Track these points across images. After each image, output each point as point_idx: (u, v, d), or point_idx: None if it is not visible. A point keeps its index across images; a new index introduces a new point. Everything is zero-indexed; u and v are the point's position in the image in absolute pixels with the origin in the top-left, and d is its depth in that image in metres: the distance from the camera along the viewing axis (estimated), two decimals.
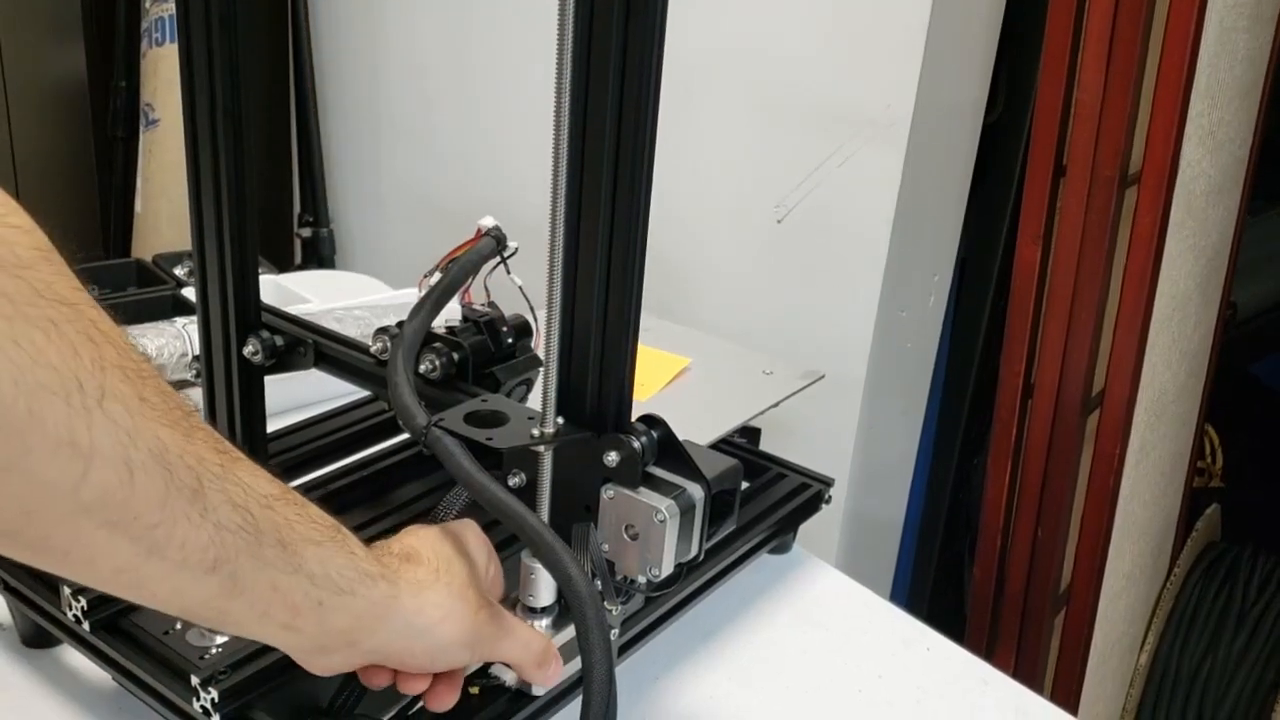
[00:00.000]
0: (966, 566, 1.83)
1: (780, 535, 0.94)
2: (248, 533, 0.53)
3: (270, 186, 2.27)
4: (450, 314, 0.79)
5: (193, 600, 0.53)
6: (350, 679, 0.66)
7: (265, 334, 0.82)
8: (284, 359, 0.84)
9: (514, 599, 0.67)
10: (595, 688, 0.58)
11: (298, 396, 1.11)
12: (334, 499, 0.84)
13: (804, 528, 0.96)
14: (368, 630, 0.58)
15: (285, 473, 0.88)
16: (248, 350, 0.82)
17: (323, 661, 0.60)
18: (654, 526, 0.62)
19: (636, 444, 0.62)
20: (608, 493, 0.63)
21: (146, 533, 0.49)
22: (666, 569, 0.63)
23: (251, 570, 0.53)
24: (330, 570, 0.56)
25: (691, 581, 0.82)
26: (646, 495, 0.62)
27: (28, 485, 0.44)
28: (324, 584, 0.56)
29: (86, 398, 0.45)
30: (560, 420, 0.63)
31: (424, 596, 0.60)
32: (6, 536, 0.47)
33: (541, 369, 0.64)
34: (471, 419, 0.65)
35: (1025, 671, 1.54)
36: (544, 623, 0.66)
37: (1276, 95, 1.72)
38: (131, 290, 1.35)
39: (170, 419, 0.49)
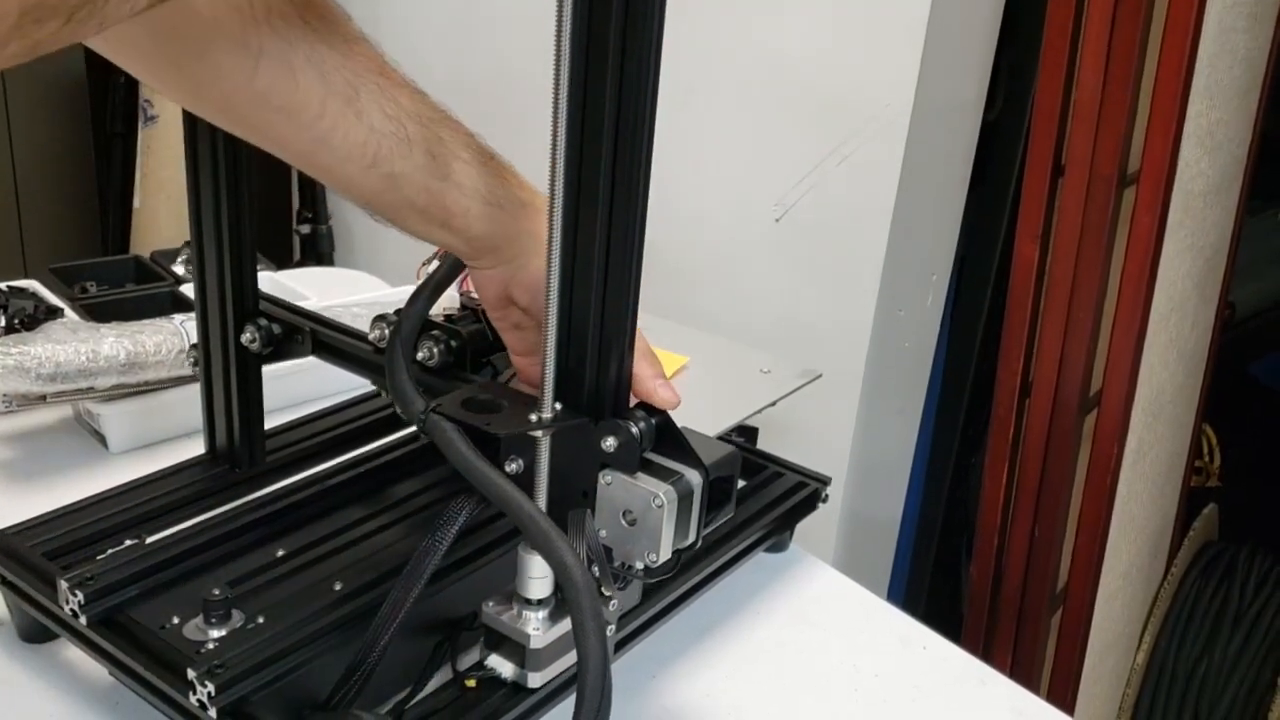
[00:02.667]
0: (963, 565, 1.83)
1: (777, 534, 0.94)
2: (399, 140, 0.65)
3: (269, 183, 2.27)
4: (449, 302, 0.79)
5: (367, 190, 0.67)
6: (349, 675, 0.66)
7: (263, 322, 0.82)
8: (282, 347, 0.84)
9: (510, 593, 0.67)
10: (590, 677, 0.58)
11: (296, 394, 1.11)
12: (331, 495, 0.84)
13: (801, 526, 0.96)
14: (510, 241, 0.70)
15: (283, 469, 0.89)
16: (245, 338, 0.82)
17: (476, 270, 0.73)
18: (652, 512, 0.62)
19: (635, 429, 0.62)
20: (605, 479, 0.63)
21: (313, 123, 0.63)
22: (664, 555, 0.63)
23: (405, 171, 0.66)
24: (479, 185, 0.69)
25: (688, 579, 0.82)
26: (644, 481, 0.62)
27: (216, 72, 0.60)
28: (472, 195, 0.68)
29: (256, 12, 0.60)
30: (558, 406, 0.63)
31: None
32: (223, 114, 0.66)
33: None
34: (469, 405, 0.65)
35: (1022, 670, 1.54)
36: (540, 614, 0.66)
37: (1275, 95, 1.72)
38: (130, 286, 1.35)
39: (330, 41, 0.63)
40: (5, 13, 0.38)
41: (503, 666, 0.68)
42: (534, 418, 0.62)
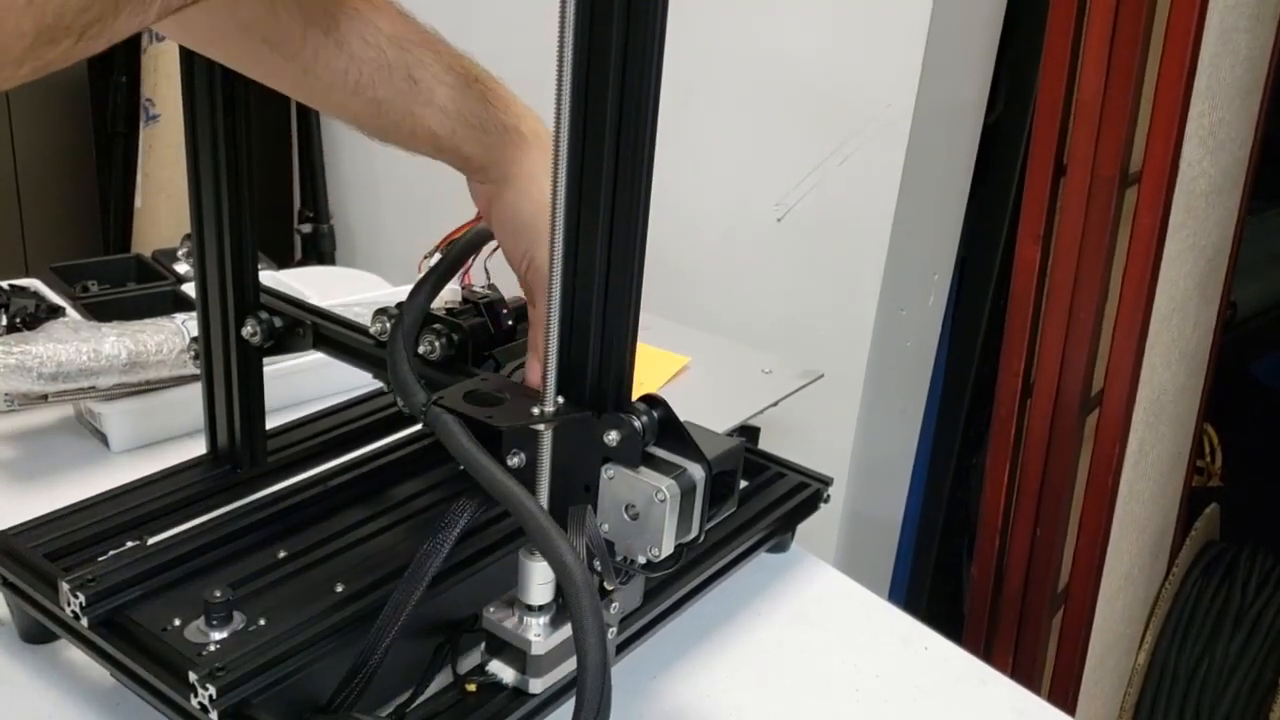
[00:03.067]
0: (965, 566, 1.83)
1: (778, 534, 0.94)
2: (379, 65, 0.67)
3: (270, 182, 2.27)
4: (450, 295, 0.79)
5: (356, 115, 0.69)
6: (350, 678, 0.66)
7: (264, 315, 0.82)
8: (282, 340, 0.84)
9: (511, 598, 0.67)
10: (589, 678, 0.58)
11: (297, 393, 1.11)
12: (333, 496, 0.84)
13: (802, 527, 0.96)
14: (493, 163, 0.71)
15: (285, 469, 0.89)
16: (246, 331, 0.82)
17: (471, 184, 0.74)
18: (654, 506, 0.62)
19: (637, 423, 0.62)
20: (608, 472, 0.63)
21: (297, 53, 0.65)
22: (666, 549, 0.63)
23: (388, 96, 0.67)
24: (462, 108, 0.70)
25: (689, 580, 0.82)
26: (647, 475, 0.62)
27: (200, 7, 0.57)
28: (456, 118, 0.69)
29: None
30: (560, 399, 0.63)
31: (535, 166, 0.71)
32: (212, 46, 0.68)
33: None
34: (471, 397, 0.65)
35: (1023, 670, 1.54)
36: (542, 621, 0.66)
37: (1277, 95, 1.72)
38: (131, 286, 1.35)
39: None
40: (21, 34, 0.39)
41: (504, 672, 0.68)
42: (536, 411, 0.62)
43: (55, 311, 1.16)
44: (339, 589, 0.72)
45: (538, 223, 0.69)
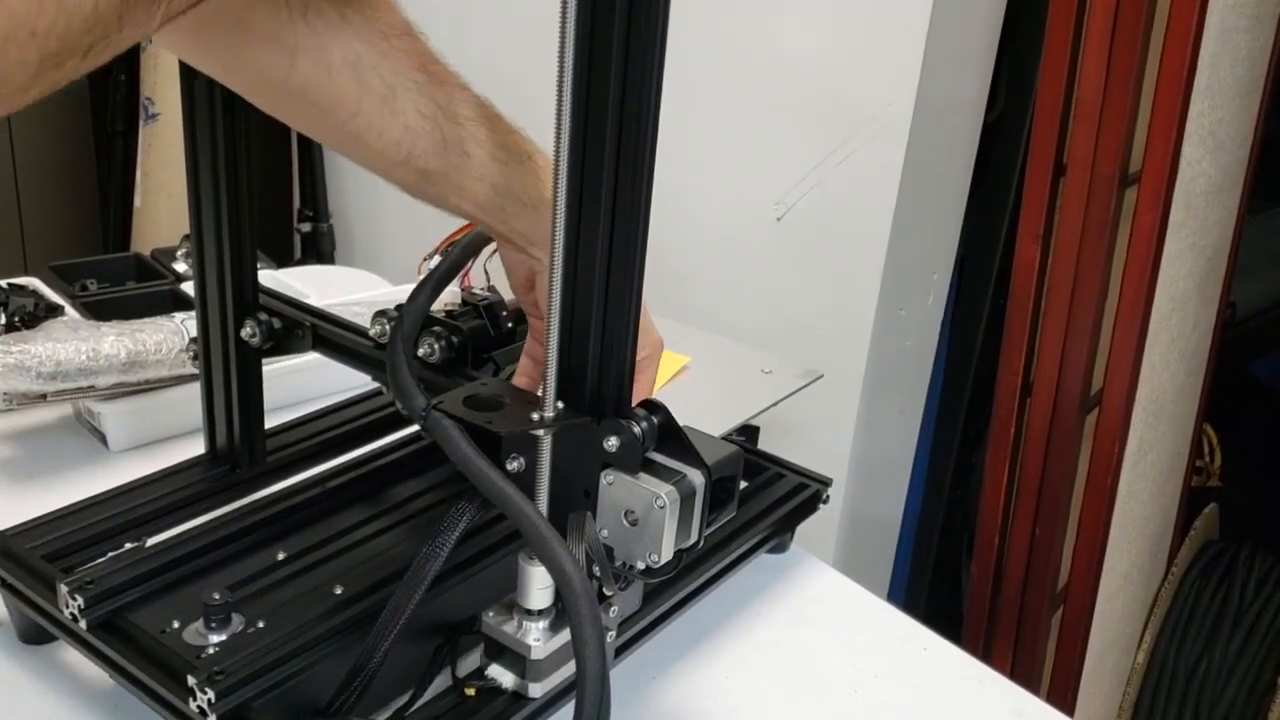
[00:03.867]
0: (964, 566, 1.83)
1: (778, 535, 0.94)
2: (434, 140, 0.66)
3: (270, 182, 2.27)
4: (450, 298, 0.79)
5: (400, 181, 0.70)
6: (349, 681, 0.66)
7: (263, 316, 0.82)
8: (282, 342, 0.83)
9: (511, 603, 0.67)
10: (589, 684, 0.58)
11: (296, 393, 1.11)
12: (332, 497, 0.84)
13: (802, 527, 0.96)
14: (542, 238, 0.69)
15: (284, 468, 0.89)
16: (245, 332, 0.82)
17: (505, 254, 0.75)
18: (654, 512, 0.61)
19: (637, 429, 0.62)
20: (607, 478, 0.63)
21: (348, 120, 0.65)
22: (666, 555, 0.63)
23: (438, 169, 0.68)
24: (512, 184, 0.70)
25: (689, 581, 0.82)
26: (646, 481, 0.62)
27: (250, 64, 0.62)
28: (506, 194, 0.70)
29: (292, 8, 0.60)
30: (560, 405, 0.63)
31: None
32: (257, 100, 0.67)
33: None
34: (471, 402, 0.65)
35: (1022, 670, 1.54)
36: (541, 625, 0.66)
37: (1277, 95, 1.72)
38: (130, 285, 1.35)
39: (368, 37, 0.63)
40: (25, 63, 0.39)
41: (503, 677, 0.68)
42: (536, 416, 0.62)
43: (54, 310, 1.16)
44: (338, 591, 0.72)
45: None
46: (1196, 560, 1.92)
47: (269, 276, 1.27)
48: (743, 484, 0.71)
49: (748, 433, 1.03)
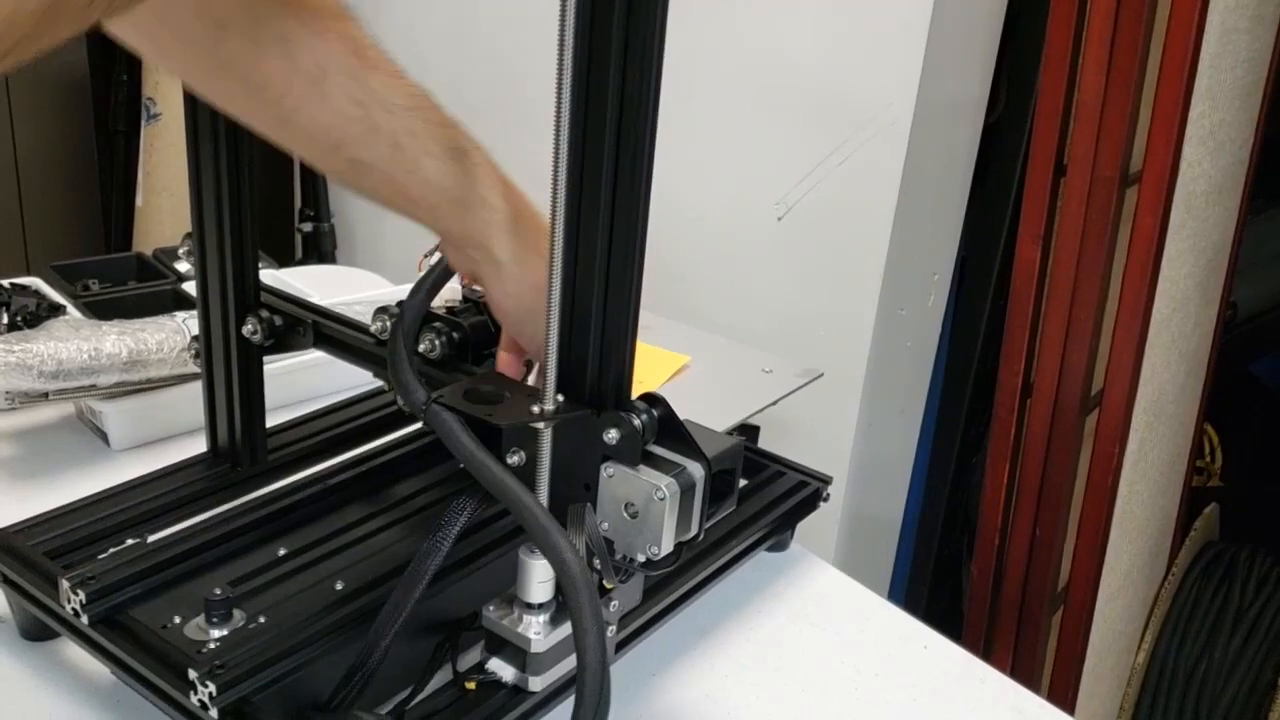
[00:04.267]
0: (964, 565, 1.83)
1: (778, 533, 0.94)
2: (365, 127, 0.63)
3: (271, 181, 2.27)
4: (451, 294, 0.79)
5: (331, 172, 0.68)
6: (350, 676, 0.66)
7: (264, 314, 0.82)
8: (283, 339, 0.84)
9: (511, 596, 0.67)
10: (589, 676, 0.58)
11: (297, 391, 1.11)
12: (333, 494, 0.85)
13: (802, 526, 0.97)
14: (477, 246, 0.68)
15: (285, 467, 0.89)
16: (247, 330, 0.82)
17: (451, 259, 0.71)
18: (654, 505, 0.62)
19: (637, 422, 0.62)
20: (607, 471, 0.63)
21: (277, 100, 0.62)
22: (666, 548, 0.63)
23: (369, 160, 0.65)
24: (447, 182, 0.66)
25: (689, 579, 0.82)
26: (646, 473, 0.62)
27: (177, 34, 0.60)
28: (440, 191, 0.67)
29: None
30: (560, 398, 0.63)
31: (527, 250, 0.68)
32: (185, 76, 0.65)
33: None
34: (471, 395, 0.65)
35: (1022, 670, 1.54)
36: (541, 619, 0.66)
37: (1277, 96, 1.72)
38: (132, 284, 1.35)
39: (303, 17, 0.61)
40: (17, 23, 0.39)
41: (504, 670, 0.68)
42: (536, 409, 0.62)
43: (56, 310, 1.17)
44: (339, 587, 0.72)
45: (539, 308, 0.65)
46: (1196, 560, 1.92)
47: (270, 276, 1.27)
48: (743, 482, 0.71)
49: (748, 431, 1.04)
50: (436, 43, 1.95)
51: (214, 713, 0.63)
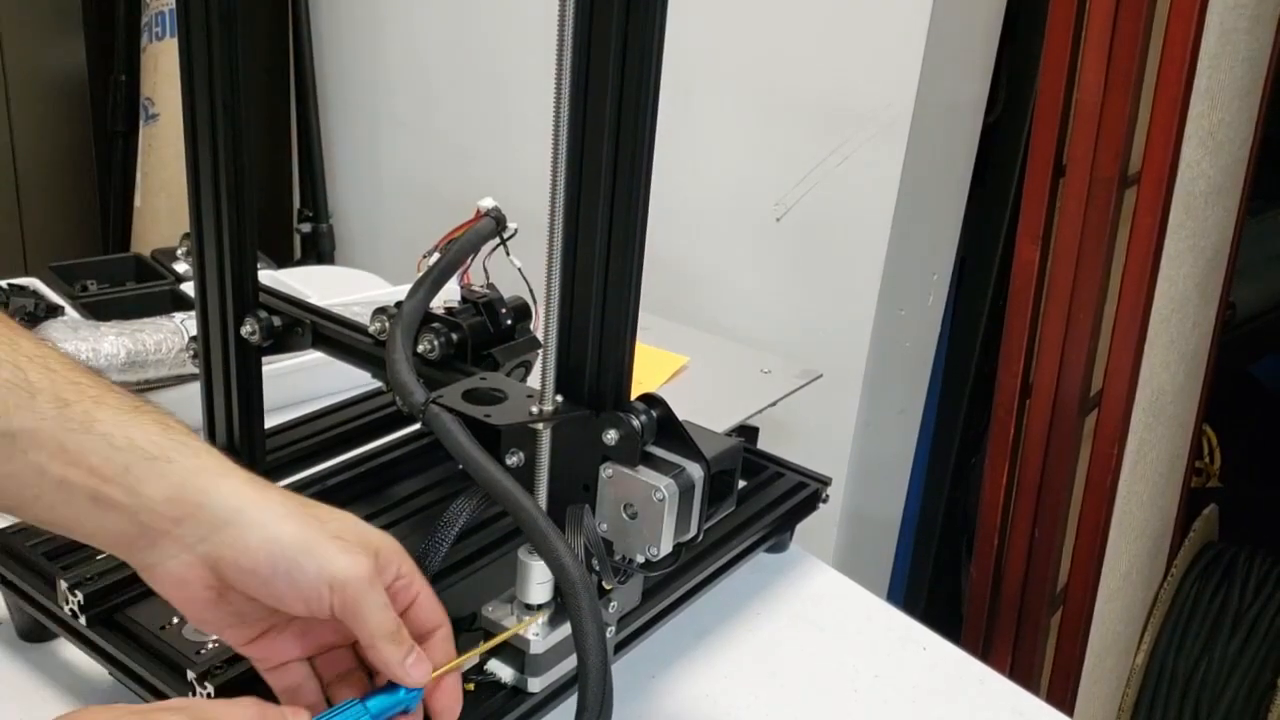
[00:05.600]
0: (963, 566, 1.83)
1: (777, 534, 0.94)
2: (16, 386, 0.51)
3: (270, 182, 2.27)
4: (449, 295, 0.79)
5: None
6: None
7: (263, 314, 0.82)
8: (282, 339, 0.83)
9: (510, 597, 0.67)
10: (590, 678, 0.58)
11: (296, 393, 1.11)
12: (332, 495, 0.84)
13: (801, 527, 0.96)
14: (194, 507, 0.52)
15: (284, 468, 0.89)
16: (245, 330, 0.82)
17: (159, 565, 0.53)
18: (652, 505, 0.62)
19: (636, 422, 0.62)
20: (606, 471, 0.63)
21: None
22: (665, 548, 0.63)
23: (29, 426, 0.51)
24: (133, 433, 0.53)
25: (688, 580, 0.82)
26: (645, 474, 0.62)
27: None
28: (127, 446, 0.52)
29: None
30: (559, 398, 0.63)
31: (258, 486, 0.55)
32: None
33: (540, 351, 0.64)
34: (470, 396, 0.65)
35: (1021, 671, 1.54)
36: (540, 620, 0.66)
37: (1277, 96, 1.72)
38: (130, 285, 1.35)
39: None
40: None
41: (502, 671, 0.68)
42: (535, 410, 0.62)
43: (54, 311, 1.16)
44: None
45: (309, 538, 0.54)
46: (1196, 561, 1.92)
47: (269, 277, 1.27)
48: (742, 483, 0.71)
49: (747, 432, 1.03)
50: (437, 43, 1.95)
51: None
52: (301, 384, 1.11)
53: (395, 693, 0.56)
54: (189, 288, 0.89)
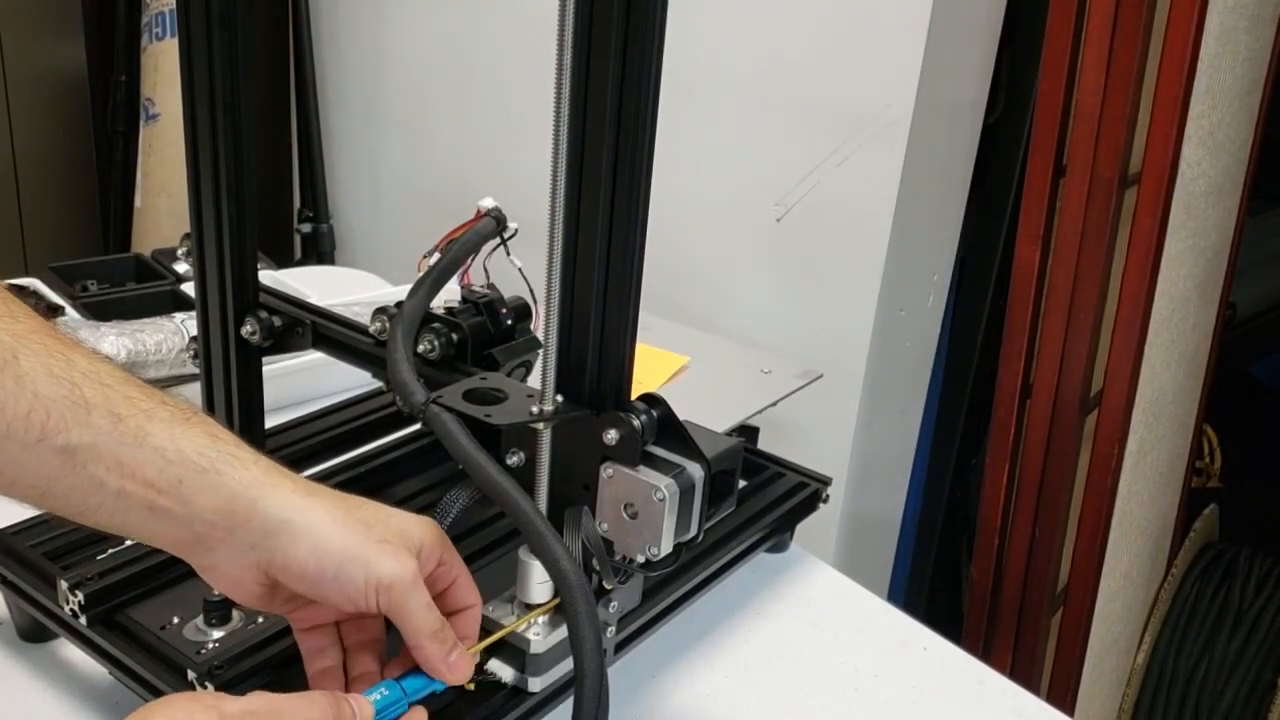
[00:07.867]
0: (964, 566, 1.83)
1: (778, 534, 0.94)
2: (73, 403, 0.53)
3: (270, 182, 2.27)
4: (449, 295, 0.79)
5: (40, 474, 0.53)
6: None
7: (263, 314, 0.82)
8: (282, 339, 0.84)
9: (511, 597, 0.67)
10: (586, 682, 0.58)
11: (296, 393, 1.11)
12: None
13: (802, 527, 0.97)
14: (244, 517, 0.55)
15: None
16: (245, 330, 0.82)
17: (215, 567, 0.57)
18: (653, 505, 0.62)
19: (636, 422, 0.62)
20: (607, 471, 0.63)
21: None
22: (665, 548, 0.63)
23: (86, 441, 0.53)
24: (184, 446, 0.55)
25: (688, 580, 0.82)
26: (645, 474, 0.62)
27: None
28: (178, 459, 0.55)
29: None
30: (559, 398, 0.63)
31: (305, 493, 0.58)
32: None
33: (540, 351, 0.64)
34: (470, 396, 0.65)
35: (1022, 671, 1.54)
36: (541, 620, 0.66)
37: (1277, 96, 1.72)
38: (130, 285, 1.35)
39: None
40: None
41: (503, 670, 0.68)
42: (535, 410, 0.62)
43: (55, 311, 1.16)
44: None
45: (355, 545, 0.57)
46: (1196, 561, 1.92)
47: (269, 277, 1.27)
48: (742, 483, 0.71)
49: (747, 433, 1.04)
50: (437, 43, 1.95)
51: None
52: (302, 384, 1.12)
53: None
54: (189, 288, 0.89)
